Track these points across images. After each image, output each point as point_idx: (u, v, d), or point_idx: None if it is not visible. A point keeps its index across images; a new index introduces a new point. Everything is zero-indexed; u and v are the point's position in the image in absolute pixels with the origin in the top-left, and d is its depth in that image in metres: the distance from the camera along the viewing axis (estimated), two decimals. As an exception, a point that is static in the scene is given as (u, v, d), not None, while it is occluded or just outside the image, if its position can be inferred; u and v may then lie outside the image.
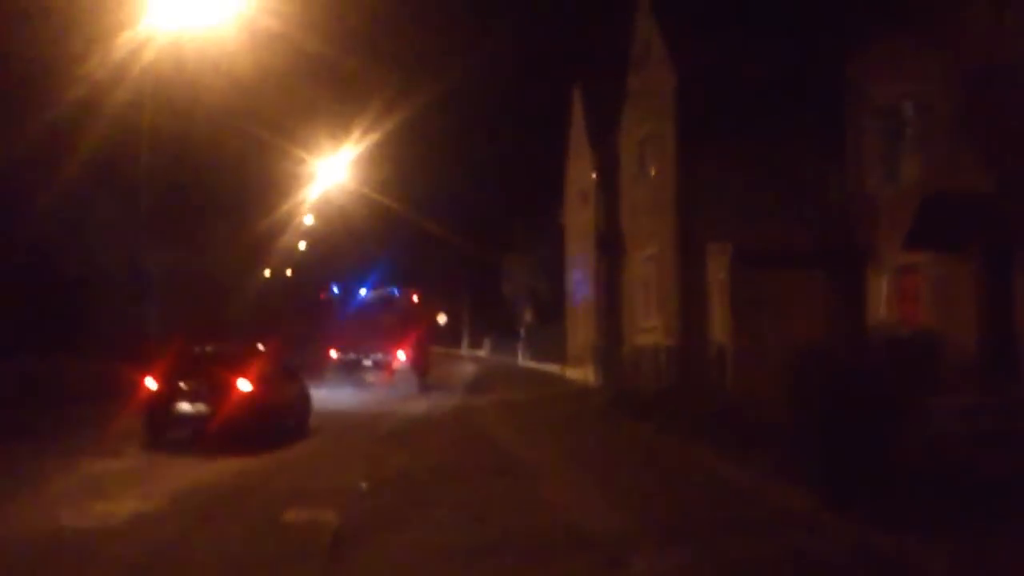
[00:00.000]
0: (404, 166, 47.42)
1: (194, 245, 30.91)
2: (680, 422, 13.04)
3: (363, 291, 35.61)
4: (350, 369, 29.83)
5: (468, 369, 41.52)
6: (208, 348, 15.09)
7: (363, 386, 26.24)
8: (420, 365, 24.96)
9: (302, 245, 45.34)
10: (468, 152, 58.16)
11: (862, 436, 7.45)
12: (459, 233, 62.41)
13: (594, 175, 25.84)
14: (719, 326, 17.08)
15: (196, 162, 29.27)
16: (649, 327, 20.14)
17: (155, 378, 13.58)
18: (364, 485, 9.79)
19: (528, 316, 46.79)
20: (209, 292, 32.86)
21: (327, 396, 19.28)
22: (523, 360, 45.89)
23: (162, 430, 13.34)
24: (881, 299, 16.21)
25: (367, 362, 30.74)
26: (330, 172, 38.02)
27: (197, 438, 12.86)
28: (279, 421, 13.96)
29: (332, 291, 34.91)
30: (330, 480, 10.25)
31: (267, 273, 42.60)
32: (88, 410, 16.96)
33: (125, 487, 9.67)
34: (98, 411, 16.34)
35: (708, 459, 10.62)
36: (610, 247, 24.12)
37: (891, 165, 16.16)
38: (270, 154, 34.50)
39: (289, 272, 46.16)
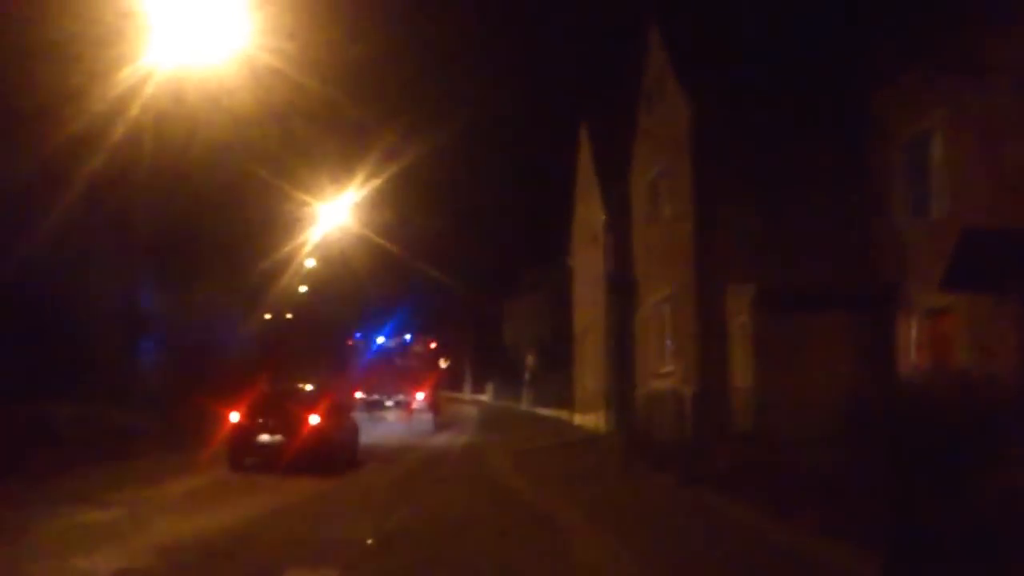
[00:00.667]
0: (407, 209, 47.00)
1: (192, 286, 30.28)
2: (707, 473, 12.19)
3: (381, 338, 39.33)
4: (373, 408, 32.69)
5: (474, 413, 41.13)
6: (282, 387, 19.22)
7: (385, 423, 28.86)
8: (435, 406, 28.30)
9: (303, 288, 44.83)
10: (472, 195, 58.01)
11: (937, 491, 6.66)
12: (462, 277, 62.09)
13: (603, 216, 25.20)
14: (740, 371, 16.29)
15: (194, 202, 28.87)
16: (665, 372, 19.33)
17: (239, 413, 16.32)
18: (380, 536, 9.02)
19: (532, 361, 46.00)
20: (207, 334, 32.26)
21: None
22: (527, 406, 45.04)
23: (244, 456, 15.86)
24: (911, 342, 15.48)
25: (389, 403, 34.08)
26: (332, 215, 37.51)
27: (273, 463, 15.25)
28: (339, 450, 16.48)
29: (357, 338, 39.53)
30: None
31: (267, 316, 42.12)
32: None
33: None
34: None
35: (745, 516, 9.78)
36: (622, 290, 23.39)
37: (920, 202, 15.53)
38: (271, 195, 33.89)
39: (289, 316, 45.62)
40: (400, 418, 31.54)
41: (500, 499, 11.84)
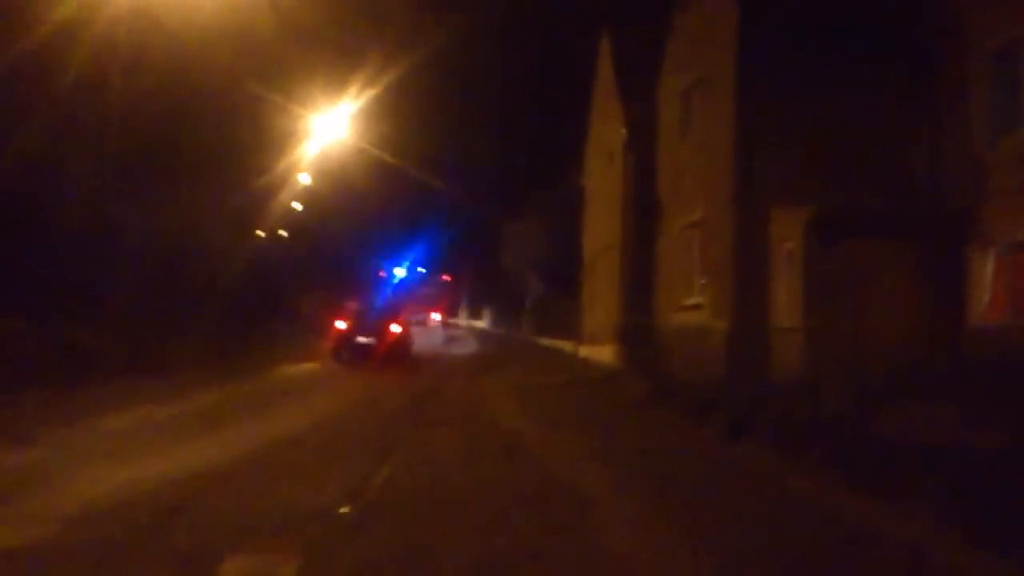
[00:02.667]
0: (405, 123, 44.58)
1: (174, 202, 28.02)
2: (757, 428, 10.15)
3: (400, 271, 49.46)
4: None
5: (471, 342, 40.25)
6: (367, 305, 26.47)
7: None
8: (447, 322, 36.08)
9: (298, 205, 42.81)
10: (476, 108, 55.11)
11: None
12: (462, 197, 59.65)
13: (624, 131, 22.80)
14: (784, 306, 14.17)
15: (177, 114, 26.84)
16: (691, 305, 17.22)
17: (344, 322, 24.14)
18: (358, 504, 6.99)
19: (536, 286, 43.94)
20: (195, 255, 30.25)
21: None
22: (528, 335, 43.21)
23: (345, 352, 23.64)
24: (985, 280, 13.32)
25: (413, 319, 40.06)
26: (327, 128, 35.48)
27: (368, 357, 23.17)
28: (405, 350, 25.03)
29: (386, 270, 48.55)
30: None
31: (259, 234, 40.22)
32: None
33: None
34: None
35: (825, 491, 7.70)
36: (643, 211, 21.16)
37: (1006, 119, 13.18)
38: (262, 109, 31.99)
39: (284, 233, 43.76)
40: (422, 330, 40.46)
41: (505, 453, 9.77)
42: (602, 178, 26.27)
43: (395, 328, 24.52)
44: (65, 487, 7.73)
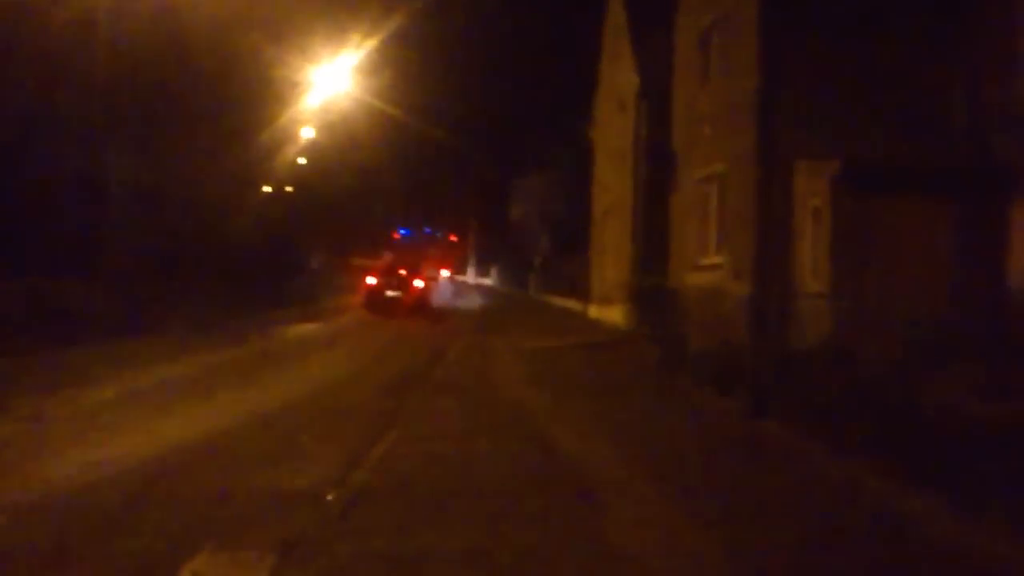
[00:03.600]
0: (409, 74, 43.43)
1: (174, 154, 27.08)
2: (787, 403, 9.29)
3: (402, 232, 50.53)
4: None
5: (476, 299, 39.60)
6: (393, 263, 30.25)
7: None
8: (454, 277, 39.23)
9: (302, 160, 41.97)
10: (481, 58, 53.74)
11: None
12: (467, 149, 58.51)
13: (636, 79, 21.70)
14: (809, 268, 13.23)
15: (174, 65, 25.96)
16: (708, 264, 16.29)
17: (374, 278, 28.10)
18: (345, 494, 6.23)
19: (544, 243, 43.00)
20: (195, 207, 29.42)
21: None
22: (536, 293, 42.39)
23: (376, 305, 27.04)
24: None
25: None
26: (329, 80, 34.51)
27: (395, 309, 26.48)
28: (428, 303, 29.34)
29: (402, 232, 50.17)
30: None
31: (267, 189, 39.51)
32: None
33: None
34: None
35: (869, 481, 6.82)
36: (657, 163, 20.16)
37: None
38: (261, 59, 31.05)
39: (290, 189, 43.08)
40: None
41: (509, 428, 8.95)
42: (612, 129, 25.20)
43: (418, 283, 29.16)
44: (25, 468, 6.99)
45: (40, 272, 19.43)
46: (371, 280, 28.41)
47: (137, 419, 8.96)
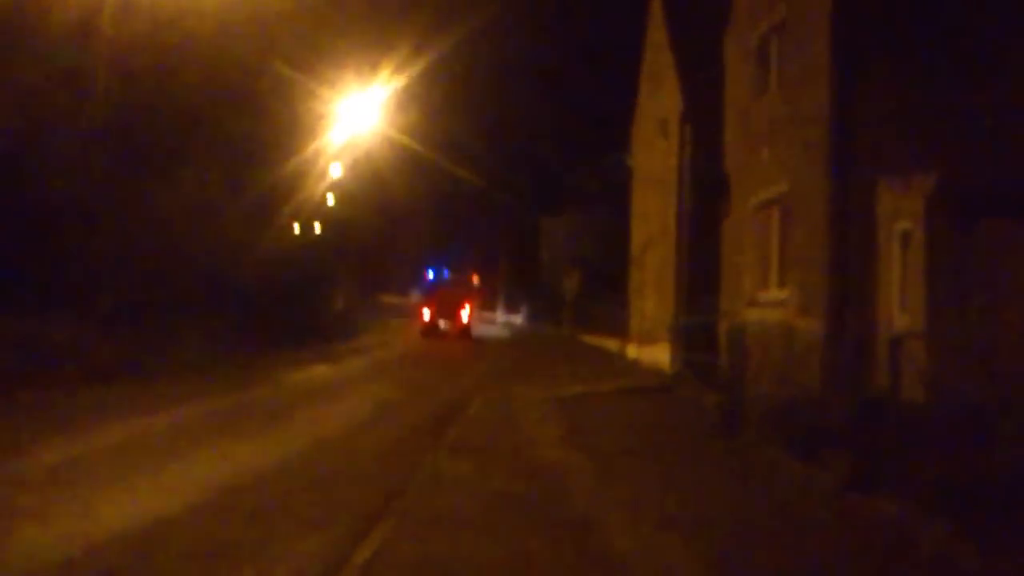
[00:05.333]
0: (436, 109, 42.36)
1: (178, 184, 25.61)
2: (895, 473, 7.18)
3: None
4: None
5: (505, 337, 37.88)
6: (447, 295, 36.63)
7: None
8: (471, 316, 39.35)
9: (330, 199, 40.72)
10: (509, 90, 52.47)
11: None
12: (497, 187, 57.28)
13: (680, 97, 19.86)
14: (897, 302, 11.17)
15: (196, 94, 24.70)
16: (768, 301, 14.26)
17: (429, 310, 36.00)
18: None
19: (576, 281, 41.09)
20: (212, 238, 27.89)
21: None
22: (569, 331, 40.41)
23: (431, 334, 34.84)
24: None
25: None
26: (357, 114, 33.26)
27: (445, 338, 33.66)
28: (468, 331, 35.80)
29: (430, 273, 50.89)
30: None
31: (296, 229, 38.37)
32: None
33: None
34: None
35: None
36: (703, 191, 18.25)
37: None
38: (286, 92, 29.84)
39: (318, 228, 41.96)
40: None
41: (540, 514, 6.82)
42: (653, 156, 23.32)
43: (464, 316, 36.67)
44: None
45: (23, 308, 17.90)
46: (427, 313, 36.73)
47: (66, 496, 7.04)
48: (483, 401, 13.94)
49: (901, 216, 11.14)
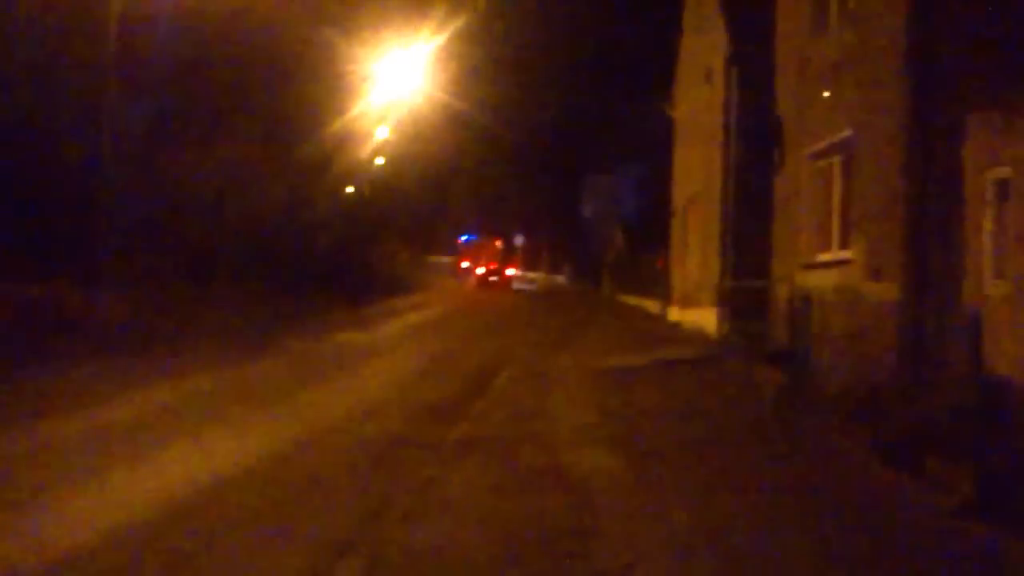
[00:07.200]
0: (477, 68, 41.20)
1: (233, 149, 24.76)
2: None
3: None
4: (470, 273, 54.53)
5: (543, 300, 36.33)
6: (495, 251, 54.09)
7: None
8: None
9: (379, 160, 40.06)
10: (549, 48, 50.70)
11: None
12: (539, 146, 56.06)
13: (726, 38, 18.06)
14: (990, 266, 9.48)
15: (239, 58, 24.00)
16: (830, 260, 12.59)
17: (483, 267, 52.33)
18: None
19: (618, 240, 39.56)
20: (254, 203, 27.16)
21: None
22: (609, 292, 38.96)
23: (481, 286, 49.15)
24: None
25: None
26: (399, 76, 32.47)
27: (493, 289, 46.68)
28: (510, 285, 51.22)
29: (463, 239, 58.77)
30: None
31: (350, 190, 38.71)
32: None
33: None
34: None
35: None
36: (752, 140, 16.54)
37: None
38: (328, 55, 28.94)
39: (367, 190, 41.63)
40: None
41: (567, 542, 5.31)
42: (697, 105, 21.56)
43: (509, 272, 52.00)
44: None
45: (36, 271, 16.94)
46: (480, 270, 51.31)
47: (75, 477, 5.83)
48: (509, 377, 12.51)
49: (997, 161, 9.38)
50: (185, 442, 7.96)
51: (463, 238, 58.70)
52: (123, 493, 6.33)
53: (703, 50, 20.81)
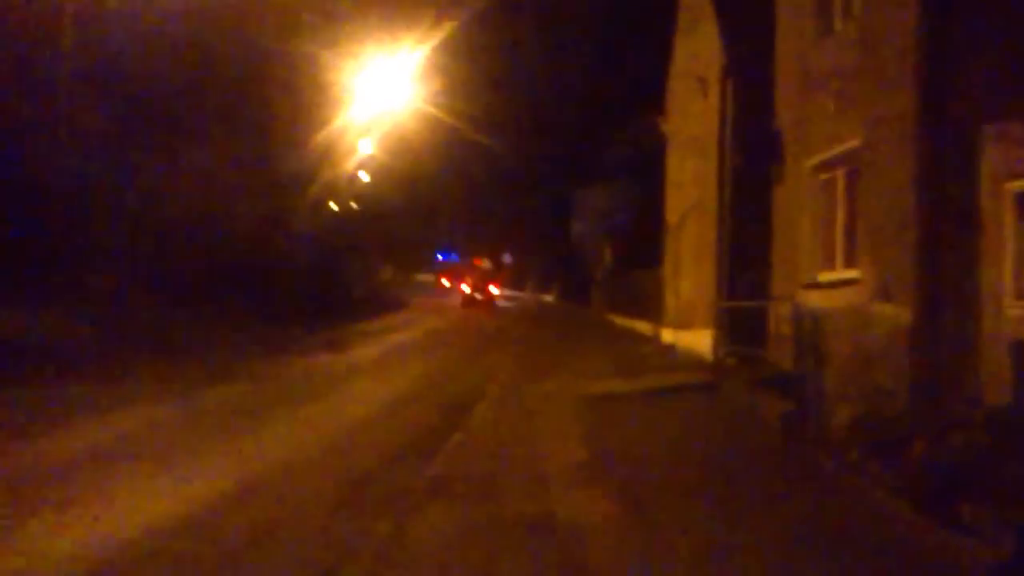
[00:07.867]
0: (463, 82, 40.48)
1: (186, 164, 23.85)
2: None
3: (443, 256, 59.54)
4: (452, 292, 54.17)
5: (530, 318, 35.50)
6: (480, 271, 53.79)
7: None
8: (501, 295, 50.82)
9: (364, 176, 39.31)
10: (538, 58, 50.38)
11: None
12: (525, 161, 55.51)
13: (721, 48, 17.37)
14: (1010, 287, 8.75)
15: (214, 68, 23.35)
16: (834, 280, 11.85)
17: (468, 285, 49.82)
18: None
19: (607, 256, 38.75)
20: (229, 218, 26.31)
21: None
22: (599, 312, 38.15)
23: (468, 306, 45.39)
24: None
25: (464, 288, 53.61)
26: (383, 89, 31.73)
27: (479, 308, 44.13)
28: (495, 302, 48.56)
29: (443, 258, 60.71)
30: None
31: (334, 207, 38.10)
32: None
33: None
34: None
35: None
36: (749, 153, 15.82)
37: None
38: (307, 67, 28.24)
39: (354, 205, 40.90)
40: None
41: None
42: (690, 118, 20.87)
43: (494, 290, 49.60)
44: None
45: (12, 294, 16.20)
46: (466, 288, 49.12)
47: None
48: (488, 405, 11.67)
49: (1017, 173, 8.68)
50: (119, 485, 7.10)
51: (440, 256, 60.57)
52: (38, 545, 5.48)
53: (696, 60, 20.14)
